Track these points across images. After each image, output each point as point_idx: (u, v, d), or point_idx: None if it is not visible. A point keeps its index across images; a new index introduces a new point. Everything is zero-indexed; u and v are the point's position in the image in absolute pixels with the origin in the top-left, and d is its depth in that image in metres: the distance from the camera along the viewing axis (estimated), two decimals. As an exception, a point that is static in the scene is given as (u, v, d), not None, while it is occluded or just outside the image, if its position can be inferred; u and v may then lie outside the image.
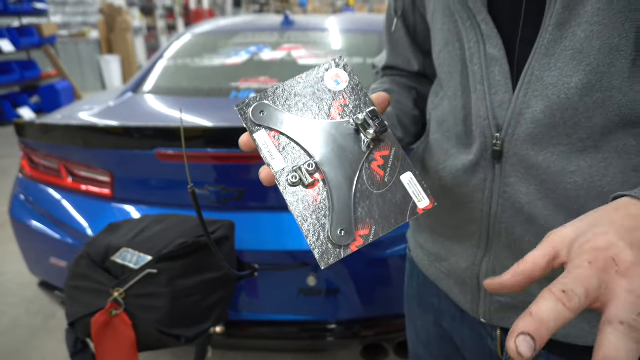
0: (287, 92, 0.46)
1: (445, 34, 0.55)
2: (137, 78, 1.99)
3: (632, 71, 0.42)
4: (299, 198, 0.41)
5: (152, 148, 1.28)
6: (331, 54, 2.00)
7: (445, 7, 0.54)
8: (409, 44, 0.69)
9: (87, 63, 7.78)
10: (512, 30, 0.49)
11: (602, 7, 0.41)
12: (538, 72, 0.46)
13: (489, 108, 0.50)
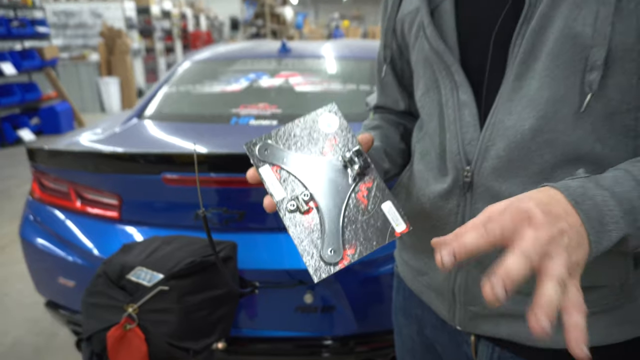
0: (287, 133, 0.55)
1: (426, 81, 0.65)
2: (141, 104, 2.09)
3: (575, 117, 0.51)
4: (296, 223, 0.50)
5: (159, 173, 1.37)
6: (326, 81, 2.11)
7: (425, 58, 0.63)
8: (396, 87, 0.79)
9: (87, 85, 7.90)
10: (480, 79, 0.59)
11: (550, 64, 0.51)
12: (500, 116, 0.55)
13: (460, 145, 0.59)
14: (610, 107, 0.50)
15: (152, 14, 10.29)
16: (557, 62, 0.51)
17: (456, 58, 0.59)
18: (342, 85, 2.07)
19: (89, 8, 8.90)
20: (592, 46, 0.48)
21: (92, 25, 8.95)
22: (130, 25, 9.18)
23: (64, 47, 8.67)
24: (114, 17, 8.88)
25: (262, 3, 9.88)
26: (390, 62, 0.75)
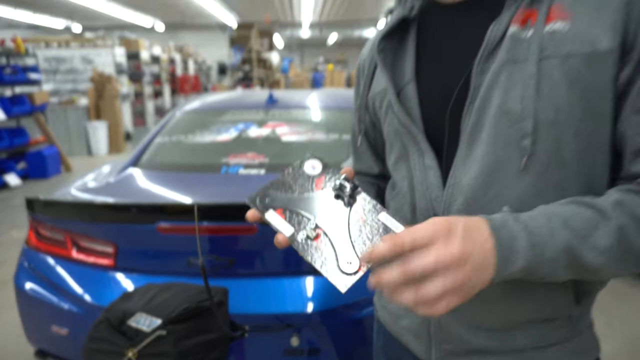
0: (280, 181, 0.66)
1: (397, 149, 0.77)
2: (135, 154, 2.19)
3: (516, 176, 0.63)
4: (311, 249, 0.58)
5: (154, 222, 1.46)
6: (311, 131, 2.25)
7: (395, 131, 0.76)
8: (371, 154, 0.91)
9: (75, 128, 7.96)
10: (441, 147, 0.71)
11: (492, 134, 0.64)
12: (458, 177, 0.67)
13: (428, 202, 0.71)
14: (542, 166, 0.62)
15: (142, 59, 10.57)
16: (497, 132, 0.64)
17: (421, 130, 0.72)
18: (325, 135, 2.21)
19: (80, 54, 9.12)
20: (523, 119, 0.61)
21: (83, 70, 9.14)
22: (120, 71, 9.40)
23: (54, 91, 8.80)
24: (104, 63, 9.10)
25: (249, 49, 10.24)
26: (364, 133, 0.88)
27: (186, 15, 17.89)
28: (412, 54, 0.74)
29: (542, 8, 0.61)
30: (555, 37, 0.59)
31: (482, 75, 0.64)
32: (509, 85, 0.62)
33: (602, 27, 0.57)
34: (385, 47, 0.76)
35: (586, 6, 0.59)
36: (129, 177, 1.94)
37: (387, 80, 0.74)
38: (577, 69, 0.58)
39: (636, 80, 0.58)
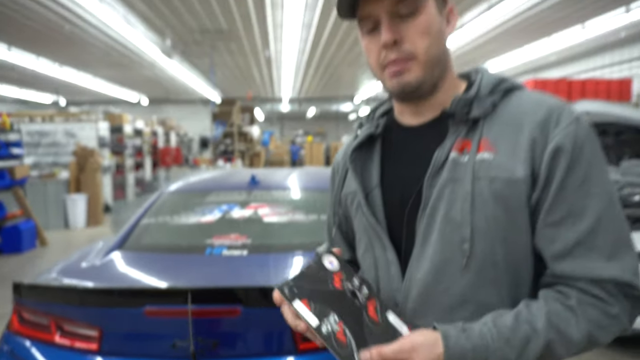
0: (305, 273, 0.77)
1: (364, 243, 0.91)
2: (121, 236, 2.25)
3: (460, 273, 0.77)
4: (334, 341, 0.67)
5: (142, 306, 1.52)
6: (291, 212, 2.38)
7: (364, 227, 0.90)
8: (343, 243, 1.04)
9: (53, 202, 7.88)
10: (400, 245, 0.85)
11: (439, 237, 0.78)
12: (413, 272, 0.81)
13: (390, 292, 0.83)
14: (479, 265, 0.77)
15: (125, 133, 10.82)
16: (443, 236, 0.78)
17: (384, 229, 0.86)
18: (305, 216, 2.34)
19: (63, 128, 9.30)
20: (462, 226, 0.77)
21: (65, 144, 9.26)
22: (102, 144, 9.57)
23: (34, 164, 8.82)
24: (87, 137, 9.26)
25: (231, 123, 10.64)
26: (338, 225, 1.02)
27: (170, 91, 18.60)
28: (378, 164, 0.91)
29: (474, 140, 0.79)
30: (484, 164, 0.77)
31: (431, 188, 0.80)
32: (451, 199, 0.78)
33: (517, 160, 0.75)
34: (356, 157, 0.92)
35: (505, 144, 0.77)
36: (115, 260, 2.00)
37: (357, 184, 0.90)
38: (501, 189, 0.76)
39: (544, 201, 0.75)
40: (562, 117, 0.75)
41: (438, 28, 0.81)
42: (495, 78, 0.84)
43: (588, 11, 8.54)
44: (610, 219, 0.73)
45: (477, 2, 8.01)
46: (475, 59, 13.05)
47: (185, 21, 9.14)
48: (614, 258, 0.72)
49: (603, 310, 0.71)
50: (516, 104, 0.80)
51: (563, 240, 0.73)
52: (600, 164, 0.75)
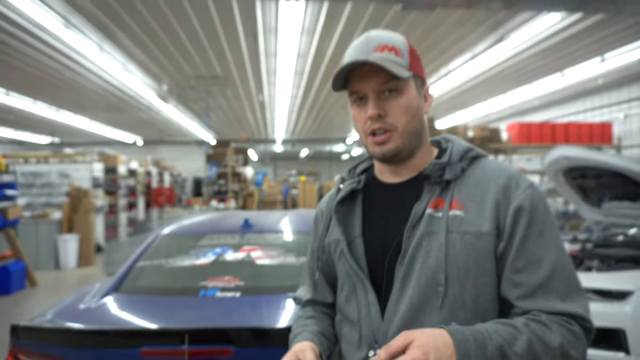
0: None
1: (347, 287, 1.01)
2: (117, 278, 2.31)
3: (435, 312, 0.88)
4: None
5: (138, 347, 1.58)
6: (283, 254, 2.47)
7: (346, 272, 1.00)
8: (326, 286, 1.13)
9: (44, 242, 7.86)
10: (381, 288, 0.96)
11: (417, 282, 0.90)
12: (392, 313, 0.91)
13: (370, 330, 0.93)
14: (452, 306, 0.88)
15: (119, 173, 10.93)
16: (420, 281, 0.90)
17: (366, 275, 0.97)
18: (296, 259, 2.43)
19: (57, 169, 9.39)
20: (438, 272, 0.88)
21: (59, 184, 9.32)
22: (96, 185, 9.64)
23: (27, 204, 8.84)
24: (81, 177, 9.34)
25: (224, 165, 10.81)
26: (321, 269, 1.11)
27: (165, 132, 18.89)
28: (360, 215, 1.03)
29: (447, 199, 0.93)
30: (457, 220, 0.90)
31: (409, 240, 0.93)
32: (428, 249, 0.90)
33: (484, 217, 0.89)
34: (339, 209, 1.04)
35: (473, 203, 0.91)
36: (111, 302, 2.06)
37: (341, 233, 1.01)
38: (471, 241, 0.89)
39: (509, 251, 0.88)
40: (520, 182, 0.91)
41: (417, 106, 0.95)
42: (464, 147, 0.99)
43: (566, 60, 9.02)
44: (562, 267, 0.87)
45: (461, 51, 8.45)
46: (462, 103, 13.54)
47: (182, 68, 9.49)
48: (567, 299, 0.85)
49: (567, 328, 0.83)
50: (481, 170, 0.95)
51: (526, 285, 0.86)
52: (551, 220, 0.90)
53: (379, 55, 0.91)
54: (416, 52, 0.97)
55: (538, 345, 0.80)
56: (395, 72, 0.88)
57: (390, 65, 0.89)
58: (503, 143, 8.41)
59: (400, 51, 0.93)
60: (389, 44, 0.92)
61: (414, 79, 0.95)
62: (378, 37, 0.94)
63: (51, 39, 7.45)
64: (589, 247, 4.28)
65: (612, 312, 3.17)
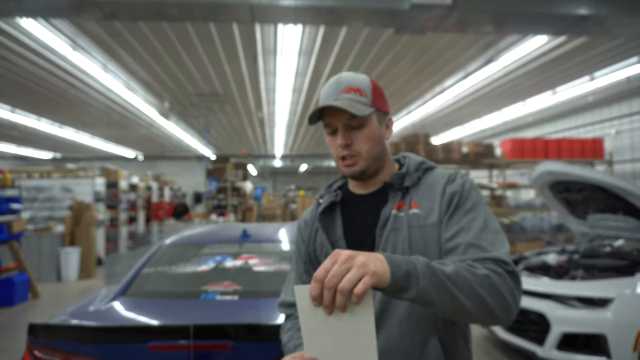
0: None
1: None
2: (124, 283, 2.50)
3: None
4: None
5: (146, 342, 1.75)
6: (278, 262, 2.66)
7: None
8: None
9: (47, 255, 8.01)
10: None
11: None
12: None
13: None
14: None
15: (120, 188, 11.11)
16: None
17: None
18: (290, 266, 2.61)
19: (60, 184, 9.58)
20: None
21: (61, 198, 9.50)
22: (98, 199, 9.82)
23: (30, 218, 9.01)
24: (83, 192, 9.53)
25: (224, 179, 11.01)
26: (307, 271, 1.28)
27: (166, 148, 19.13)
28: (340, 222, 1.23)
29: (407, 201, 1.14)
30: (415, 217, 1.12)
31: (380, 237, 1.13)
32: (395, 242, 1.11)
33: (434, 211, 1.11)
34: (322, 219, 1.25)
35: (427, 202, 1.13)
36: (119, 304, 2.25)
37: (325, 238, 1.21)
38: (427, 232, 1.10)
39: (445, 225, 1.09)
40: (456, 177, 1.15)
41: (378, 135, 1.17)
42: (418, 161, 1.23)
43: (556, 79, 9.30)
44: (488, 229, 1.05)
45: (454, 70, 8.73)
46: (457, 120, 13.81)
47: (183, 86, 9.76)
48: (493, 249, 1.01)
49: (492, 268, 0.94)
50: (432, 177, 1.19)
51: (459, 245, 1.03)
52: (481, 202, 1.10)
53: (346, 96, 1.13)
54: (379, 89, 1.18)
55: (465, 271, 0.91)
56: (357, 113, 1.09)
57: (353, 106, 1.10)
58: (497, 158, 8.62)
59: (364, 91, 1.15)
60: (354, 86, 1.14)
61: (375, 113, 1.17)
62: (346, 80, 1.15)
63: (58, 59, 7.73)
64: (575, 257, 4.46)
65: (594, 319, 3.34)
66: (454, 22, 4.75)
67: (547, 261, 4.49)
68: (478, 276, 0.92)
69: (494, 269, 0.95)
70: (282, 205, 18.06)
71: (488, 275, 0.93)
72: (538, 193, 4.94)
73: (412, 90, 10.20)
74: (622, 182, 3.85)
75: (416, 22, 4.73)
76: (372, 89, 1.16)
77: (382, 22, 4.88)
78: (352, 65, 8.20)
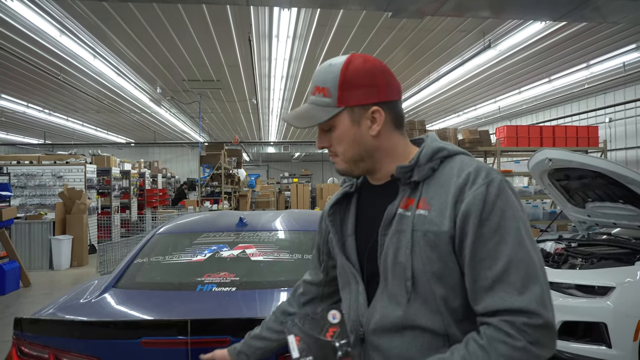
0: (309, 316, 0.92)
1: (343, 278, 1.12)
2: (116, 274, 2.39)
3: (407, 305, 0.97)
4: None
5: (139, 337, 1.67)
6: (277, 251, 2.57)
7: (341, 267, 1.12)
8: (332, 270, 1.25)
9: (37, 242, 7.90)
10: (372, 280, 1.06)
11: (391, 277, 0.99)
12: (377, 301, 1.01)
13: (357, 316, 1.04)
14: (422, 299, 0.97)
15: (112, 175, 10.94)
16: (394, 275, 0.99)
17: (357, 270, 1.08)
18: (289, 255, 2.52)
19: (51, 170, 9.39)
20: (406, 268, 0.97)
21: (52, 185, 9.33)
22: (89, 186, 9.65)
23: (20, 205, 8.85)
24: (75, 179, 9.37)
25: (218, 167, 10.87)
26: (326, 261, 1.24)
27: (158, 134, 18.87)
28: (354, 215, 1.13)
29: (416, 198, 1.00)
30: (421, 219, 0.97)
31: (384, 237, 1.02)
32: (398, 246, 0.99)
33: (444, 217, 0.95)
34: (335, 211, 1.16)
35: (438, 202, 0.97)
36: (110, 297, 2.14)
37: (334, 234, 1.13)
38: (432, 239, 0.95)
39: (465, 250, 0.93)
40: (476, 180, 0.93)
41: (352, 136, 1.03)
42: (434, 148, 1.03)
43: (552, 66, 9.22)
44: (519, 260, 0.88)
45: (451, 57, 8.61)
46: (453, 107, 13.73)
47: (175, 71, 9.55)
48: (525, 290, 0.86)
49: (510, 345, 0.84)
50: (449, 169, 0.99)
51: (484, 279, 0.89)
52: (511, 214, 0.91)
53: (312, 98, 1.05)
54: (353, 81, 1.00)
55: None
56: (307, 124, 1.04)
57: (305, 117, 1.04)
58: (492, 146, 8.56)
59: (329, 90, 1.01)
60: (321, 84, 1.03)
61: (347, 111, 1.02)
62: (317, 77, 1.05)
63: (45, 43, 7.49)
64: (573, 245, 4.43)
65: (595, 307, 3.31)
66: (452, 6, 4.63)
67: (544, 249, 4.46)
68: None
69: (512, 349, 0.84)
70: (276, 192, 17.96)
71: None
72: (536, 181, 4.88)
73: (408, 77, 10.08)
74: (624, 169, 3.80)
75: (414, 5, 4.60)
76: (341, 83, 1.00)
77: (379, 5, 4.75)
78: (347, 51, 8.06)
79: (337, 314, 0.91)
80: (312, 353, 0.86)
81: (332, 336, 0.88)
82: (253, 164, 27.07)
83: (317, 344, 0.89)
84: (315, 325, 0.90)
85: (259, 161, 27.21)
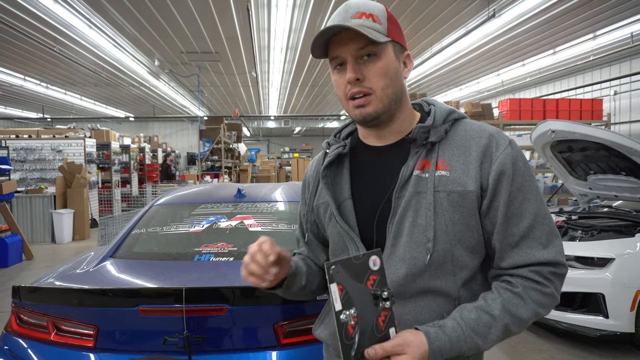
0: (351, 262, 0.84)
1: (340, 245, 1.06)
2: (114, 244, 2.39)
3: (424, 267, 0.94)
4: (344, 329, 0.79)
5: (135, 305, 1.67)
6: (275, 222, 2.55)
7: (337, 234, 1.05)
8: (318, 245, 1.19)
9: (39, 216, 7.94)
10: (371, 245, 1.01)
11: (407, 239, 0.95)
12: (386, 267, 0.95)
13: None
14: (440, 261, 0.94)
15: (112, 149, 10.90)
16: (411, 238, 0.96)
17: (357, 234, 1.02)
18: (288, 226, 2.51)
19: (50, 144, 9.35)
20: (427, 230, 0.94)
21: (52, 160, 9.31)
22: (89, 160, 9.63)
23: (20, 179, 8.85)
24: (74, 152, 9.33)
25: (218, 141, 10.80)
26: (310, 230, 1.18)
27: (158, 109, 18.69)
28: (348, 178, 1.07)
29: (432, 160, 0.97)
30: (442, 179, 0.95)
31: (399, 200, 0.97)
32: (417, 208, 0.96)
33: (468, 177, 0.95)
34: (327, 173, 1.09)
35: (458, 163, 0.96)
36: (108, 266, 2.14)
37: (330, 197, 1.06)
38: (457, 199, 0.94)
39: (494, 208, 0.95)
40: (500, 142, 0.96)
41: (395, 70, 0.97)
42: (446, 110, 1.02)
43: (558, 37, 9.01)
44: (543, 216, 0.94)
45: (454, 28, 8.41)
46: (455, 80, 13.51)
47: (173, 43, 9.36)
48: (549, 245, 0.93)
49: (541, 291, 0.92)
50: (463, 131, 1.00)
51: (511, 236, 0.94)
52: (529, 174, 0.96)
53: (357, 21, 0.94)
54: (395, 20, 1.00)
55: (513, 324, 0.91)
56: (371, 37, 0.91)
57: (366, 30, 0.92)
58: (495, 119, 8.46)
59: (378, 18, 0.96)
60: (366, 11, 0.95)
61: (392, 44, 0.97)
62: (356, 5, 0.96)
63: (38, 12, 7.32)
64: (574, 218, 4.42)
65: (593, 278, 3.32)
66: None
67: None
68: (523, 321, 0.92)
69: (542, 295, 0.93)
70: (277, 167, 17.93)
71: (531, 317, 0.93)
72: (538, 153, 4.82)
73: (411, 48, 9.88)
74: (627, 140, 3.74)
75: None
76: (388, 17, 0.98)
77: (382, -29, 4.58)
78: (349, 21, 7.84)
79: (378, 260, 0.85)
80: (354, 304, 0.81)
81: (373, 285, 0.84)
82: (253, 139, 26.94)
83: (360, 295, 0.82)
84: (357, 272, 0.83)
85: (260, 136, 27.07)
